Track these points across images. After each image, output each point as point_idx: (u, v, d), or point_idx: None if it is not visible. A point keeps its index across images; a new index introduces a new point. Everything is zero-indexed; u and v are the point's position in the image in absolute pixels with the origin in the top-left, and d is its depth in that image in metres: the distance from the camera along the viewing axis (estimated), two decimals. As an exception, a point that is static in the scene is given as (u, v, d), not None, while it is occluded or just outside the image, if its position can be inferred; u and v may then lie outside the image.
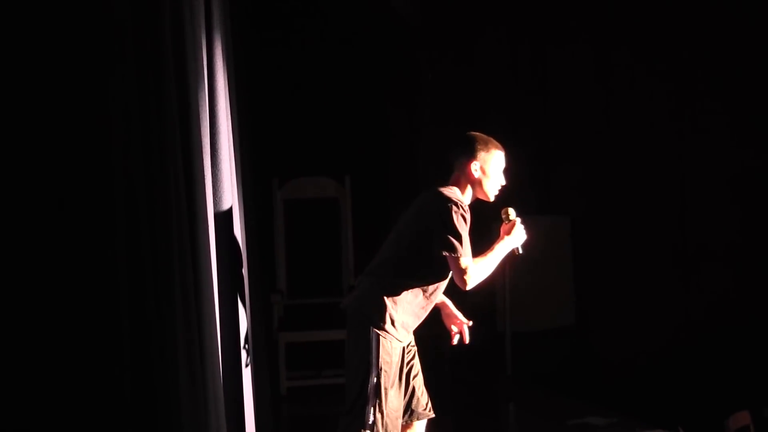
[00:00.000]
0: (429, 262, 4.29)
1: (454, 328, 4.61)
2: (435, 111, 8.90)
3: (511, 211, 4.55)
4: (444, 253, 4.24)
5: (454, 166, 4.43)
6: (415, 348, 4.53)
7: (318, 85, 8.37)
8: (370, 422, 4.17)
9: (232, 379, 4.38)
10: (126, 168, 3.51)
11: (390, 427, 4.24)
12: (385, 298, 4.25)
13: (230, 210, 4.40)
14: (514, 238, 4.49)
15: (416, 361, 4.50)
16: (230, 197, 4.40)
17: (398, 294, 4.27)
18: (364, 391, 4.19)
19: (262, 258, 6.46)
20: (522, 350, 8.34)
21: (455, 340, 4.63)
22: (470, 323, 4.61)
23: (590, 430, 6.52)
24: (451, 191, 4.35)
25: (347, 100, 8.71)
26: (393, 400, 4.26)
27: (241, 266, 4.66)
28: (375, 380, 4.19)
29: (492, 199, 4.50)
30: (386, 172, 9.05)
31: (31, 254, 3.43)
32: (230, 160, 4.43)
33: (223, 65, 4.43)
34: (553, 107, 8.81)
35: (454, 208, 4.25)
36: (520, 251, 4.53)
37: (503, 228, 4.55)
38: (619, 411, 6.72)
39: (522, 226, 4.52)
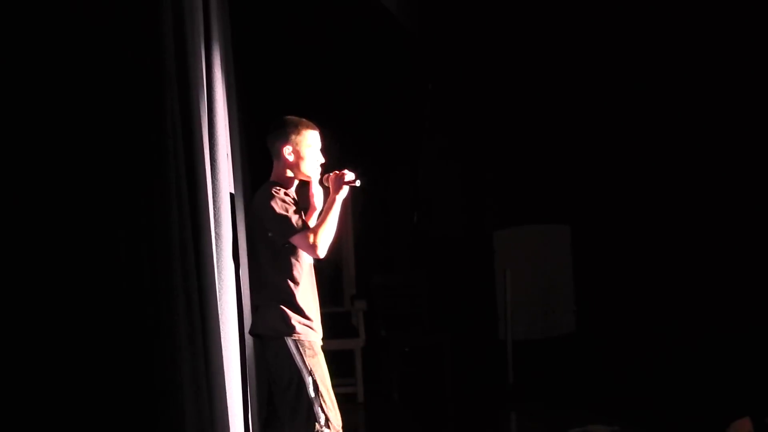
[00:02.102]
0: (285, 254, 4.35)
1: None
2: (435, 118, 8.92)
3: (329, 175, 4.50)
4: (287, 240, 4.31)
5: (272, 154, 4.51)
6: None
7: (316, 91, 8.37)
8: (323, 420, 4.24)
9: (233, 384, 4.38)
10: (128, 175, 3.52)
11: (339, 418, 4.35)
12: (280, 304, 4.35)
13: (230, 218, 4.41)
14: (338, 186, 4.43)
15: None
16: (230, 205, 4.41)
17: (287, 293, 4.36)
18: (303, 396, 4.27)
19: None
20: (523, 358, 8.34)
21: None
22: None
23: (592, 438, 6.53)
24: (270, 184, 4.43)
25: (346, 106, 8.71)
26: (331, 394, 4.38)
27: (244, 271, 4.67)
28: (311, 380, 4.29)
29: (315, 178, 4.54)
30: (387, 178, 9.05)
31: (33, 259, 3.44)
32: (229, 167, 4.45)
33: (222, 73, 4.45)
34: (553, 114, 8.81)
35: (271, 194, 4.32)
36: (357, 183, 4.47)
37: (331, 186, 4.49)
38: (620, 419, 6.71)
39: (338, 172, 4.46)
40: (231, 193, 4.45)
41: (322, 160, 4.53)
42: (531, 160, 8.99)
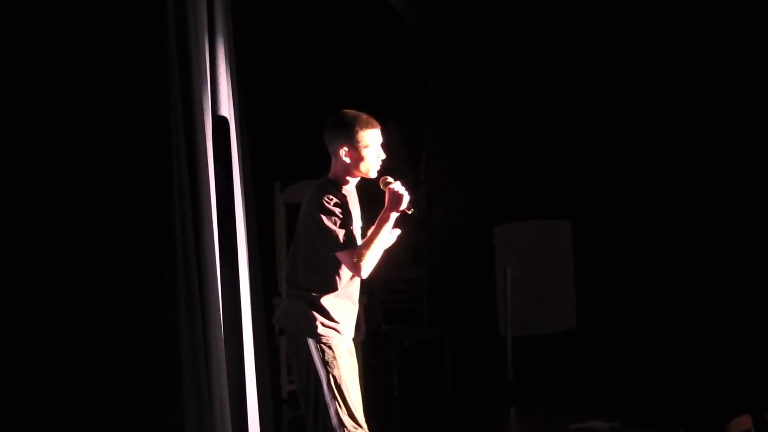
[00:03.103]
0: (325, 265, 4.25)
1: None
2: (438, 115, 8.91)
3: (389, 178, 4.38)
4: (331, 254, 4.20)
5: (330, 152, 4.33)
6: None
7: (321, 88, 8.37)
8: (336, 423, 4.20)
9: (235, 384, 4.39)
10: (131, 171, 3.52)
11: (360, 422, 4.27)
12: (306, 303, 4.25)
13: (232, 214, 4.41)
14: (395, 203, 4.31)
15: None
16: (233, 201, 4.41)
17: (316, 294, 4.26)
18: (321, 397, 4.22)
19: (263, 262, 6.46)
20: (523, 354, 8.35)
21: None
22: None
23: (591, 434, 6.54)
24: (326, 183, 4.29)
25: (350, 104, 8.71)
26: (354, 397, 4.29)
27: (244, 270, 4.66)
28: (326, 384, 4.22)
29: (374, 176, 4.39)
30: (387, 173, 9.05)
31: (36, 258, 3.44)
32: (233, 163, 4.44)
33: (226, 69, 4.44)
34: (555, 109, 8.81)
35: (321, 204, 4.18)
36: (410, 211, 4.36)
37: (386, 198, 4.37)
38: (620, 415, 6.72)
39: (401, 189, 4.34)
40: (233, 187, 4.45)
41: (383, 156, 4.38)
42: (532, 155, 9.00)
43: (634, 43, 8.06)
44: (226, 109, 4.38)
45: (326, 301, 4.26)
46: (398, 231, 4.44)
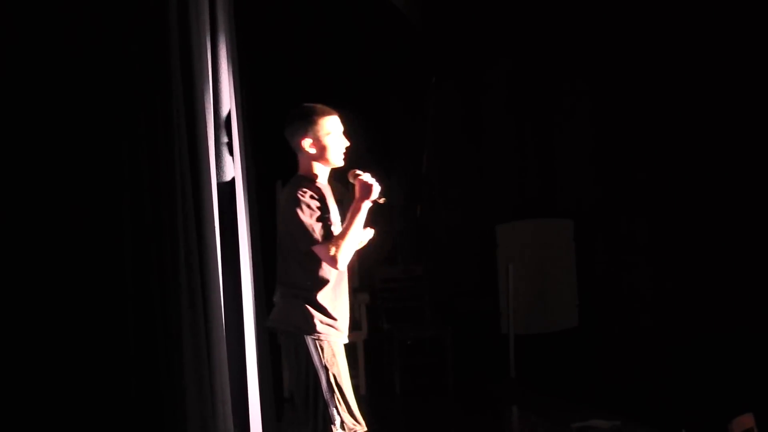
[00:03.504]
0: (313, 260, 4.24)
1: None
2: (439, 114, 8.91)
3: (358, 170, 4.36)
4: (308, 249, 4.20)
5: (293, 149, 4.33)
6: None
7: (322, 87, 8.37)
8: (338, 422, 4.19)
9: (237, 382, 4.38)
10: (133, 170, 3.52)
11: (358, 418, 4.27)
12: (303, 301, 4.25)
13: (234, 212, 4.41)
14: (366, 193, 4.31)
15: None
16: (235, 199, 4.41)
17: (311, 291, 4.26)
18: (320, 396, 4.21)
19: (266, 260, 6.46)
20: (525, 353, 8.35)
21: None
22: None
23: (593, 432, 6.54)
24: (298, 179, 4.28)
25: (351, 102, 8.71)
26: (351, 394, 4.31)
27: (246, 269, 4.66)
28: (326, 383, 4.22)
29: (340, 164, 4.37)
30: (390, 174, 9.05)
31: (39, 259, 3.44)
32: (235, 161, 4.44)
33: (228, 67, 4.44)
34: (556, 107, 8.81)
35: (295, 199, 4.18)
36: (381, 200, 4.36)
37: (356, 190, 4.36)
38: (622, 414, 6.71)
39: (370, 180, 4.33)
40: (235, 188, 4.44)
41: (347, 144, 4.36)
42: (534, 153, 8.99)
43: (637, 40, 8.06)
44: (228, 107, 4.38)
45: (323, 297, 4.27)
46: (372, 231, 4.45)
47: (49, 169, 3.47)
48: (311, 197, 4.22)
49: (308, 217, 4.18)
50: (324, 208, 4.26)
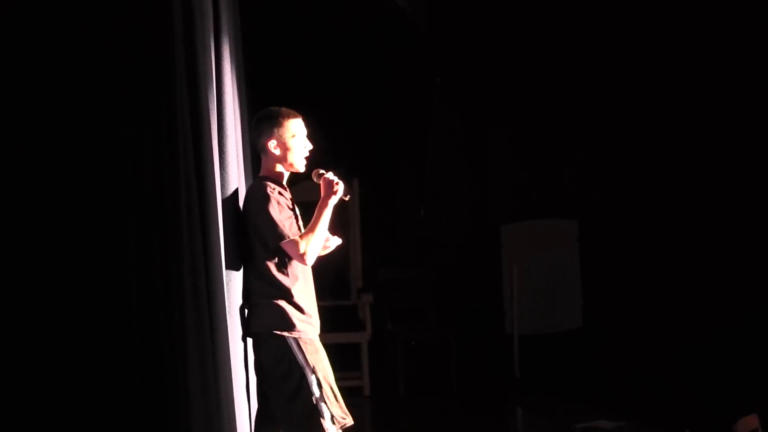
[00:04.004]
0: (282, 257, 4.25)
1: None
2: (443, 114, 8.91)
3: (321, 170, 4.40)
4: (276, 245, 4.21)
5: (258, 150, 4.40)
6: None
7: (326, 88, 8.37)
8: (328, 417, 4.20)
9: (240, 383, 4.38)
10: (138, 171, 3.52)
11: (345, 410, 4.28)
12: (277, 301, 4.25)
13: (238, 213, 4.41)
14: (330, 191, 4.34)
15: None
16: (239, 201, 4.40)
17: (285, 290, 4.25)
18: (304, 394, 4.19)
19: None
20: (530, 353, 8.34)
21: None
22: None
23: (598, 433, 6.53)
24: (261, 180, 4.33)
25: (355, 103, 8.71)
26: (336, 389, 4.30)
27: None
28: (314, 377, 4.21)
29: (302, 169, 4.43)
30: (394, 175, 9.05)
31: (44, 259, 3.45)
32: (238, 163, 4.44)
33: (231, 68, 4.44)
34: (560, 108, 8.80)
35: (265, 194, 4.22)
36: (347, 198, 4.39)
37: (321, 189, 4.39)
38: (627, 414, 6.71)
39: (334, 178, 4.36)
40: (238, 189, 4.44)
41: (310, 147, 4.42)
42: (538, 154, 8.98)
43: (641, 43, 8.05)
44: (232, 108, 4.38)
45: (296, 294, 4.28)
46: (339, 240, 4.50)
47: (52, 171, 3.47)
48: (279, 194, 4.29)
49: (278, 213, 4.22)
50: (288, 205, 4.33)
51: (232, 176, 4.33)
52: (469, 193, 9.03)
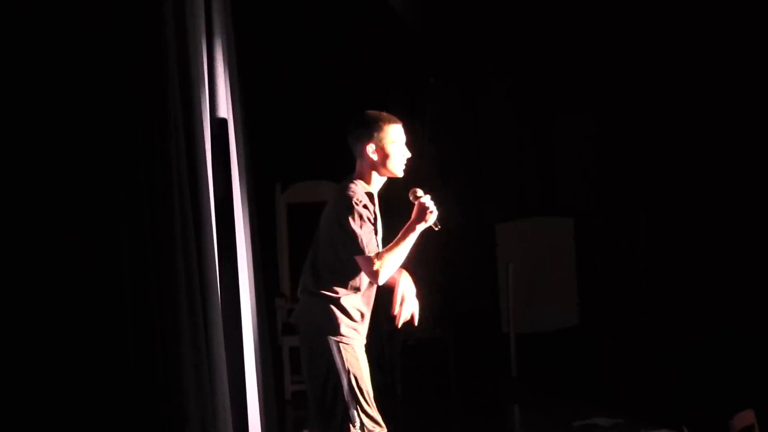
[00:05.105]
0: (349, 266, 4.23)
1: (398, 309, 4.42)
2: (438, 114, 8.91)
3: (419, 191, 4.36)
4: (351, 257, 4.18)
5: (354, 153, 4.33)
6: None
7: (321, 89, 8.37)
8: (358, 424, 4.18)
9: (236, 385, 4.38)
10: (130, 174, 3.52)
11: (378, 420, 4.26)
12: (328, 302, 4.22)
13: (233, 215, 4.41)
14: (422, 218, 4.30)
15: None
16: (233, 202, 4.41)
17: (337, 293, 4.23)
18: (339, 397, 4.18)
19: (265, 262, 6.46)
20: (526, 352, 8.35)
21: (400, 322, 4.47)
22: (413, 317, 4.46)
23: (595, 430, 6.53)
24: (352, 186, 4.26)
25: (350, 104, 8.70)
26: (371, 398, 4.28)
27: (245, 271, 4.66)
28: (347, 385, 4.19)
29: (400, 174, 4.37)
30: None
31: (38, 261, 3.45)
32: (233, 164, 4.44)
33: (225, 70, 4.45)
34: (556, 107, 8.81)
35: (350, 206, 4.16)
36: (437, 227, 4.35)
37: (414, 211, 4.36)
38: (624, 411, 6.71)
39: (430, 204, 4.32)
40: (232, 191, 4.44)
41: (408, 155, 4.37)
42: (533, 152, 8.99)
43: (636, 40, 8.06)
44: (225, 110, 4.38)
45: (347, 301, 4.25)
46: (409, 280, 4.50)
47: (45, 175, 3.47)
48: (364, 206, 4.21)
49: (358, 227, 4.16)
50: (372, 219, 4.25)
51: (226, 180, 4.33)
52: (464, 192, 9.03)
